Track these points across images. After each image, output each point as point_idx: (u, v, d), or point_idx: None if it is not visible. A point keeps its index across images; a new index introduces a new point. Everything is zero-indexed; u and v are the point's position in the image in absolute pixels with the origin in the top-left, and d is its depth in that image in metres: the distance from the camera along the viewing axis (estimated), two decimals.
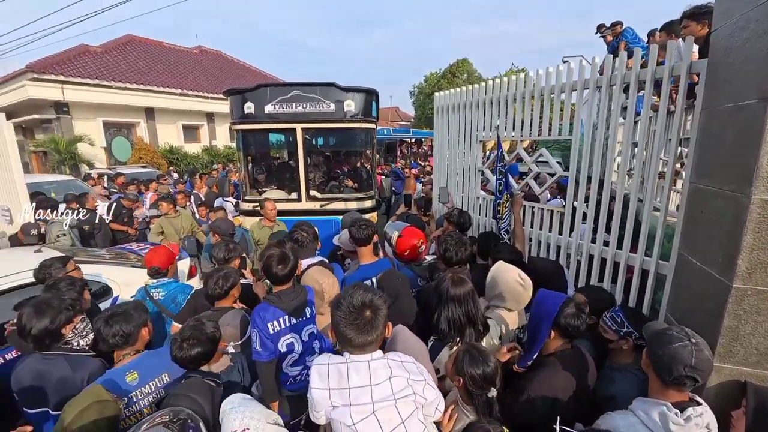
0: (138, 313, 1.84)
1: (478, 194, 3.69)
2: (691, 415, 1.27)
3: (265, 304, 1.89)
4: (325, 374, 1.22)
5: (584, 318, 1.68)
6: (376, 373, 1.20)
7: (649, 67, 2.20)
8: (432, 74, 31.86)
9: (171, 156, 15.28)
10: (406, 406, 1.21)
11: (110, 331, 1.74)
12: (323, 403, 1.20)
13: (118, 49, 16.39)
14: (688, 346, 1.29)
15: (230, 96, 5.14)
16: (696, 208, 1.80)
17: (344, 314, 1.22)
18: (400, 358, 1.29)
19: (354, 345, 1.22)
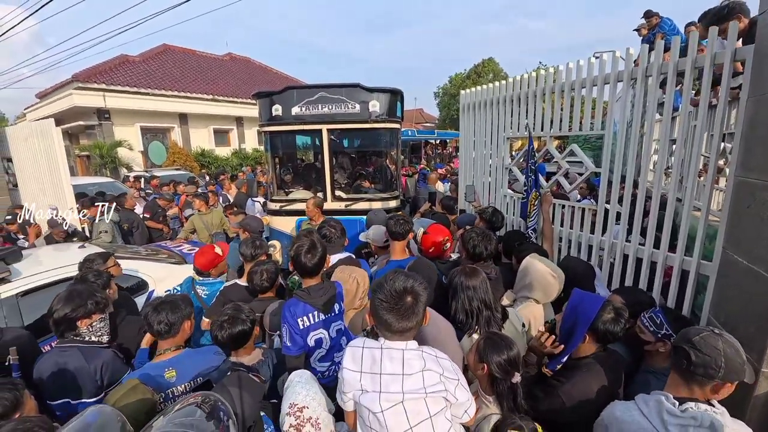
0: (184, 305, 1.93)
1: (505, 193, 3.61)
2: (690, 409, 1.21)
3: (295, 300, 1.91)
4: (359, 357, 1.22)
5: (623, 324, 1.62)
6: (409, 364, 1.18)
7: (689, 56, 2.09)
8: (457, 75, 31.60)
9: (203, 159, 15.90)
10: (436, 402, 1.19)
11: (156, 318, 1.82)
12: (354, 385, 1.20)
13: (154, 58, 17.23)
14: (704, 332, 1.26)
15: (259, 99, 5.29)
16: (743, 203, 1.69)
17: (385, 298, 1.20)
18: (435, 354, 1.27)
19: (393, 330, 1.20)
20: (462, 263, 2.57)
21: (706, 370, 1.22)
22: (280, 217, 5.46)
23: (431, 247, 2.84)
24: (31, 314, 2.88)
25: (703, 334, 1.26)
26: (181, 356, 1.89)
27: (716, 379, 1.22)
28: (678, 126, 2.55)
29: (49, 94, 14.99)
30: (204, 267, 2.86)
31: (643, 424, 1.28)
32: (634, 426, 1.29)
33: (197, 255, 2.95)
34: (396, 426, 1.14)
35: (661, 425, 1.24)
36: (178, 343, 1.92)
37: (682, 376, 1.30)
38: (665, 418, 1.24)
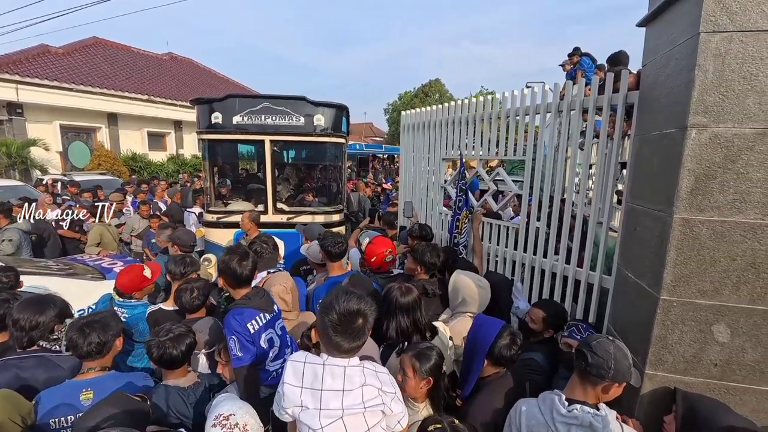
0: (115, 322, 1.81)
1: (440, 210, 3.79)
2: (575, 410, 1.38)
3: (239, 308, 1.85)
4: (300, 372, 1.22)
5: (517, 349, 1.75)
6: (350, 380, 1.21)
7: (591, 96, 2.40)
8: (406, 93, 32.65)
9: (134, 164, 14.68)
10: (374, 415, 1.23)
11: (86, 340, 1.69)
12: (294, 401, 1.19)
13: (81, 50, 15.77)
14: (600, 338, 1.44)
15: (197, 105, 5.08)
16: (631, 225, 1.95)
17: (337, 321, 1.20)
18: (375, 368, 1.31)
19: (342, 351, 1.22)
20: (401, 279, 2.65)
21: (599, 370, 1.38)
22: (217, 230, 5.22)
23: (374, 257, 2.89)
24: None
25: (599, 340, 1.43)
26: (105, 378, 1.75)
27: (607, 379, 1.38)
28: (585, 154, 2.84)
29: None
30: (126, 289, 2.57)
31: (539, 419, 1.45)
32: (533, 420, 1.46)
33: (121, 274, 2.66)
34: None
35: (552, 421, 1.41)
36: (105, 364, 1.78)
37: (580, 377, 1.45)
38: (554, 416, 1.41)
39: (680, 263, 1.58)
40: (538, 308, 2.27)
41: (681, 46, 1.60)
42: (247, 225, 4.00)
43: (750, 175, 1.49)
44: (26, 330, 1.85)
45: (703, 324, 1.60)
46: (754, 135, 1.48)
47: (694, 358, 1.64)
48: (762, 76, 1.45)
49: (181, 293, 2.40)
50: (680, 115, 1.56)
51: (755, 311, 1.55)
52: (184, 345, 1.80)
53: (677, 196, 1.55)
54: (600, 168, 2.81)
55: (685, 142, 1.53)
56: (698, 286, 1.59)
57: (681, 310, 1.61)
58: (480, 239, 3.13)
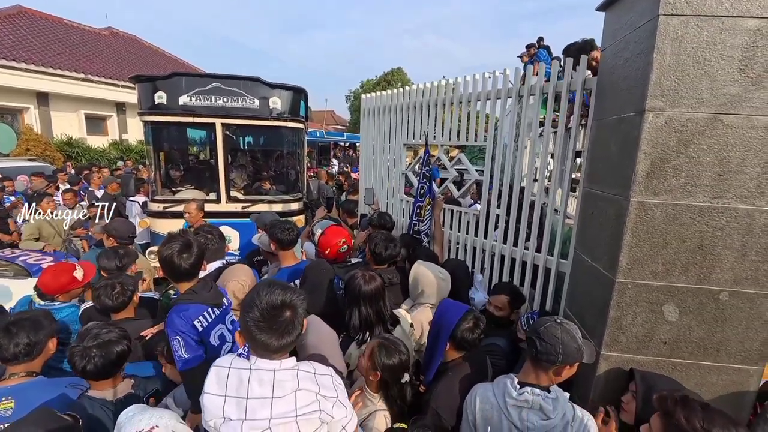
0: (48, 321, 1.63)
1: (401, 197, 3.72)
2: (525, 393, 1.40)
3: (183, 304, 1.66)
4: (224, 378, 1.07)
5: (479, 332, 1.74)
6: (281, 385, 1.08)
7: (551, 82, 2.39)
8: (368, 81, 32.30)
9: (69, 149, 13.34)
10: (309, 423, 1.11)
11: (12, 341, 1.48)
12: (215, 412, 1.05)
13: (3, 21, 13.97)
14: (548, 322, 1.44)
15: (138, 83, 4.63)
16: (588, 210, 1.97)
17: (260, 317, 1.07)
18: (314, 370, 1.18)
19: (272, 350, 1.09)
20: (363, 267, 2.56)
21: (548, 356, 1.39)
22: (163, 220, 4.83)
23: (327, 249, 2.78)
24: None
25: (547, 325, 1.43)
26: (29, 385, 1.54)
27: (557, 364, 1.39)
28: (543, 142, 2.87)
29: None
30: (48, 290, 2.24)
31: (493, 402, 1.46)
32: (488, 404, 1.47)
33: (45, 272, 2.33)
34: None
35: (504, 405, 1.43)
36: (32, 369, 1.57)
37: (532, 363, 1.46)
38: (507, 399, 1.42)
39: (635, 246, 1.61)
40: (501, 294, 2.27)
41: (640, 30, 1.59)
42: (195, 215, 3.68)
43: (700, 159, 1.53)
44: None
45: (655, 304, 1.65)
46: (706, 120, 1.51)
47: (646, 338, 1.68)
48: (714, 62, 1.48)
49: (99, 291, 2.07)
50: (638, 99, 1.57)
51: (701, 291, 1.61)
52: (113, 354, 1.54)
53: (634, 180, 1.56)
54: (557, 156, 2.85)
55: (643, 125, 1.53)
56: (651, 268, 1.62)
57: (635, 292, 1.64)
58: (441, 226, 3.09)
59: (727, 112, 1.49)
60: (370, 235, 2.68)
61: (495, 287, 2.44)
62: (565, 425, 1.38)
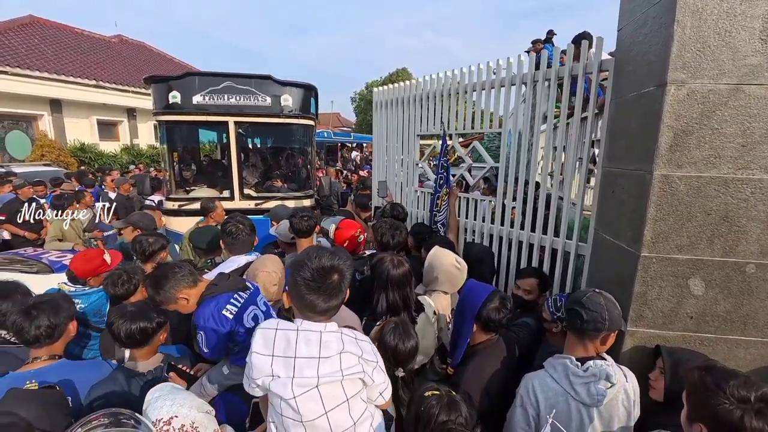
0: (67, 304, 1.63)
1: (415, 188, 3.74)
2: (590, 367, 1.38)
3: (207, 299, 1.67)
4: (271, 340, 1.10)
5: (506, 312, 1.72)
6: (327, 346, 1.11)
7: (566, 65, 2.40)
8: (373, 82, 32.45)
9: (82, 155, 13.59)
10: (353, 384, 1.15)
11: (33, 323, 1.50)
12: (263, 370, 1.08)
13: (16, 30, 14.29)
14: (588, 293, 1.45)
15: (153, 84, 4.72)
16: (608, 189, 1.97)
17: (311, 277, 1.10)
18: (355, 336, 1.22)
19: (318, 311, 1.12)
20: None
21: (595, 324, 1.39)
22: (178, 218, 4.90)
23: (345, 241, 2.79)
24: None
25: (588, 294, 1.45)
26: (53, 367, 1.56)
27: (604, 331, 1.40)
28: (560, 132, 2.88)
29: None
30: (81, 273, 2.31)
31: (556, 388, 1.41)
32: (551, 392, 1.42)
33: (77, 258, 2.40)
34: (310, 412, 1.06)
35: (569, 386, 1.39)
36: (54, 352, 1.59)
37: (578, 336, 1.45)
38: (572, 379, 1.39)
39: (659, 220, 1.61)
40: (530, 277, 2.27)
41: (659, 4, 1.60)
42: (221, 213, 3.73)
43: (724, 130, 1.53)
44: None
45: (680, 278, 1.65)
46: (728, 90, 1.51)
47: (672, 312, 1.68)
48: (735, 32, 1.48)
49: (108, 280, 2.13)
50: (659, 73, 1.57)
51: (727, 263, 1.60)
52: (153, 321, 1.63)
53: (657, 153, 1.57)
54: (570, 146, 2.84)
55: (665, 98, 1.54)
56: (676, 242, 1.62)
57: (660, 266, 1.64)
58: (456, 215, 3.10)
59: (749, 83, 1.49)
60: (374, 225, 2.69)
61: (522, 271, 2.44)
62: (622, 386, 1.40)
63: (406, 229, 2.53)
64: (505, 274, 2.94)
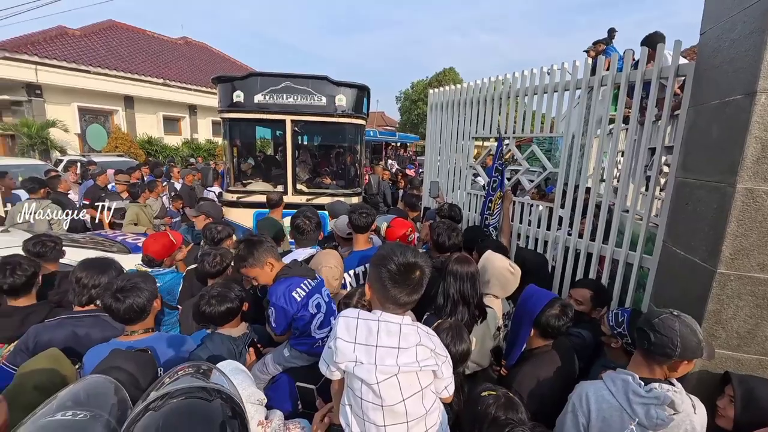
0: (147, 284, 1.77)
1: (468, 190, 3.74)
2: (654, 389, 1.29)
3: (282, 280, 1.83)
4: (353, 327, 1.18)
5: (566, 320, 1.70)
6: (406, 338, 1.17)
7: (639, 69, 2.31)
8: (419, 81, 32.32)
9: (150, 147, 14.81)
10: (426, 375, 1.20)
11: (122, 307, 1.66)
12: (348, 356, 1.15)
13: (98, 33, 15.83)
14: (663, 314, 1.35)
15: (219, 83, 5.05)
16: (682, 201, 1.89)
17: (396, 271, 1.16)
18: (427, 330, 1.27)
19: (399, 303, 1.18)
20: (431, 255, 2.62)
21: (663, 349, 1.30)
22: (236, 209, 5.24)
23: (396, 240, 2.87)
24: None
25: (662, 317, 1.34)
26: (150, 339, 1.75)
27: (673, 358, 1.30)
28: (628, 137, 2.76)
29: None
30: (158, 255, 2.60)
31: (612, 402, 1.36)
32: (605, 404, 1.37)
33: (148, 242, 2.69)
34: (390, 398, 1.13)
35: (627, 403, 1.33)
36: (147, 326, 1.78)
37: (644, 356, 1.38)
38: (631, 397, 1.32)
39: (740, 235, 1.52)
40: (583, 287, 2.22)
41: (751, 9, 1.51)
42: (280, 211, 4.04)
43: None
44: (87, 288, 1.89)
45: (761, 298, 1.55)
46: None
47: (749, 334, 1.59)
48: None
49: (204, 257, 2.40)
50: (747, 81, 1.49)
51: None
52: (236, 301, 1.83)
53: (741, 166, 1.49)
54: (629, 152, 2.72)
55: (753, 108, 1.45)
56: (758, 260, 1.53)
57: (738, 284, 1.56)
58: (510, 219, 3.07)
59: None
60: (432, 224, 2.72)
61: (578, 282, 2.38)
62: (688, 416, 1.30)
63: (463, 233, 2.56)
64: (559, 283, 2.87)
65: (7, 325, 2.03)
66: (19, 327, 1.98)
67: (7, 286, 2.02)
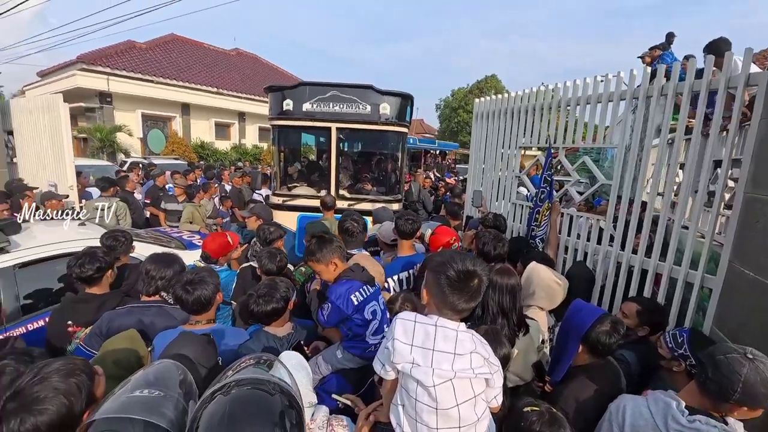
0: (212, 277, 1.92)
1: (514, 201, 3.68)
2: (698, 422, 1.20)
3: (344, 280, 1.91)
4: (411, 330, 1.20)
5: (618, 337, 1.64)
6: (462, 344, 1.19)
7: (704, 78, 2.19)
8: (459, 89, 32.08)
9: (202, 151, 15.82)
10: (479, 383, 1.21)
11: (191, 298, 1.81)
12: (405, 357, 1.17)
13: (161, 46, 17.20)
14: (732, 353, 1.23)
15: (270, 92, 5.31)
16: (751, 217, 1.76)
17: (455, 278, 1.17)
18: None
19: (457, 310, 1.19)
20: None
21: (720, 390, 1.20)
22: (281, 212, 5.46)
23: (440, 248, 2.88)
24: (26, 287, 2.83)
25: (730, 356, 1.22)
26: (211, 330, 1.88)
27: (730, 402, 1.20)
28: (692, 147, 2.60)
29: (51, 73, 14.84)
30: (215, 254, 2.80)
31: (648, 420, 1.30)
32: (641, 421, 1.32)
33: (208, 241, 2.91)
34: (445, 402, 1.15)
35: (664, 427, 1.25)
36: (209, 317, 1.92)
37: (699, 387, 1.30)
38: (669, 422, 1.25)
39: None
40: (632, 302, 2.12)
41: None
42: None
43: None
44: (155, 279, 2.08)
45: None
46: None
47: None
48: None
49: (260, 257, 2.52)
50: None
51: None
52: (281, 301, 1.91)
53: None
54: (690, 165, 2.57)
55: None
56: None
57: None
58: (557, 231, 2.99)
59: None
60: (478, 234, 2.70)
61: (631, 297, 2.28)
62: None
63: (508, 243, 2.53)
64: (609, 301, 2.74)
65: (86, 311, 2.25)
66: (95, 313, 2.19)
67: (85, 276, 2.25)
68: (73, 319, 2.22)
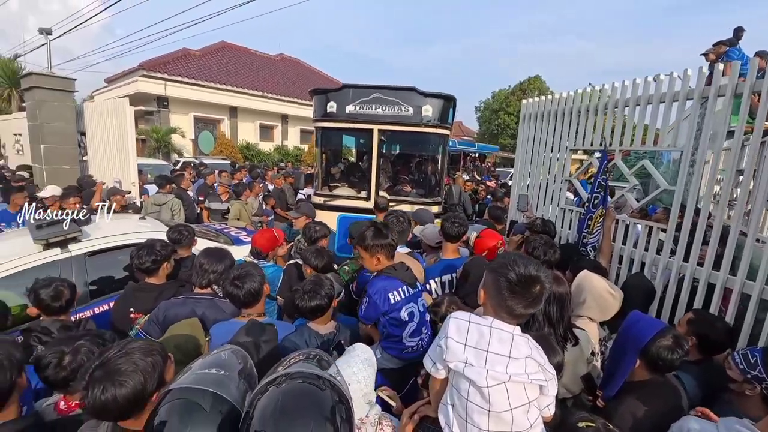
0: (257, 270, 2.00)
1: (563, 206, 3.52)
2: None
3: (384, 276, 1.92)
4: (465, 330, 1.18)
5: (681, 353, 1.52)
6: (517, 348, 1.15)
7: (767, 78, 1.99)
8: (501, 91, 31.26)
9: (247, 152, 16.55)
10: (533, 390, 1.17)
11: (242, 292, 1.89)
12: (458, 356, 1.15)
13: (212, 53, 18.21)
14: None
15: (315, 95, 5.44)
16: None
17: (516, 282, 1.13)
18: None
19: (514, 314, 1.15)
20: None
21: None
22: (323, 212, 5.57)
23: (485, 251, 2.81)
24: (94, 273, 3.08)
25: None
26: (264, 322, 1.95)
27: None
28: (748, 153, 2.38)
29: (117, 79, 16.17)
30: (264, 249, 2.92)
31: None
32: None
33: (257, 237, 3.03)
34: (498, 404, 1.11)
35: None
36: (258, 311, 1.99)
37: None
38: None
39: None
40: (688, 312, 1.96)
41: None
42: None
43: None
44: (207, 273, 2.19)
45: None
46: None
47: None
48: None
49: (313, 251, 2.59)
50: None
51: None
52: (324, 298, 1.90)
53: None
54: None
55: None
56: None
57: None
58: (611, 239, 2.83)
59: None
60: (528, 238, 2.61)
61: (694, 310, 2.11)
62: None
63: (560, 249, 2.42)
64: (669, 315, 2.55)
65: (145, 299, 2.42)
66: (153, 301, 2.34)
67: (143, 267, 2.42)
68: (135, 307, 2.39)
